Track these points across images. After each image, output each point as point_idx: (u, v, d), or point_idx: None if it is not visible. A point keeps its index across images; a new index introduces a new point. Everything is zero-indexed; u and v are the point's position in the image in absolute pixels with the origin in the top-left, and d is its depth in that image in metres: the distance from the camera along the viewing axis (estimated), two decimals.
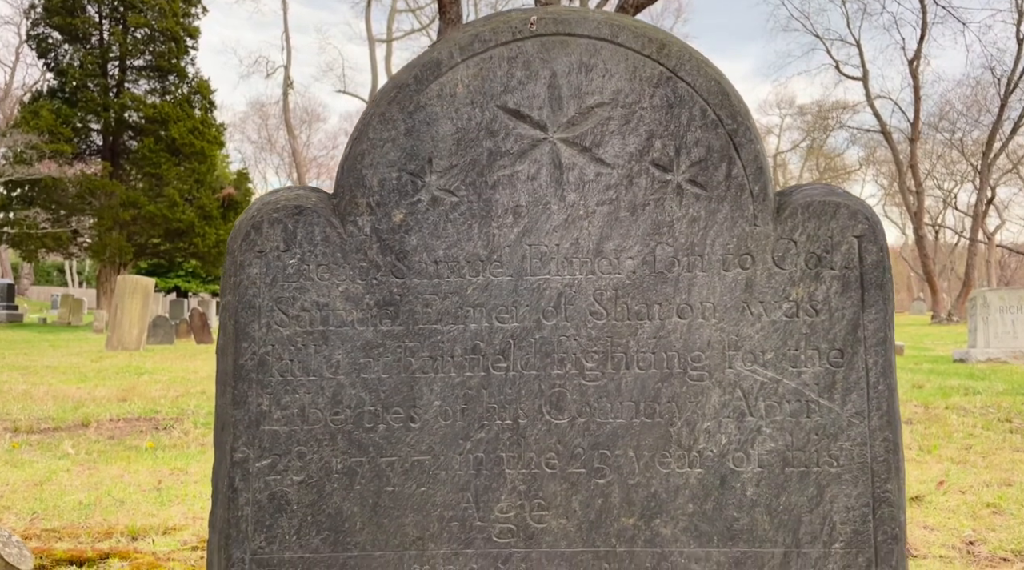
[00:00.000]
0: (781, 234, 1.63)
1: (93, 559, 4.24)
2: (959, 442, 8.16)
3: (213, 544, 1.66)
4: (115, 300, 19.08)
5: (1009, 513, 5.61)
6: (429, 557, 1.62)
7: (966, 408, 9.98)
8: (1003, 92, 32.23)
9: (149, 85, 34.69)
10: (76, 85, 32.57)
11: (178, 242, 33.43)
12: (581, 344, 1.64)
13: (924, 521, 5.49)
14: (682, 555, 1.61)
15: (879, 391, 1.61)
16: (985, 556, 4.67)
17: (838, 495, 1.61)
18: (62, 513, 5.34)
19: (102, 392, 11.04)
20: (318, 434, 1.64)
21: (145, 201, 31.59)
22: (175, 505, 5.65)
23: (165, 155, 32.40)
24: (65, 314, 31.19)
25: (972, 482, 6.39)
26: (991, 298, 16.08)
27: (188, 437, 8.20)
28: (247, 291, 1.65)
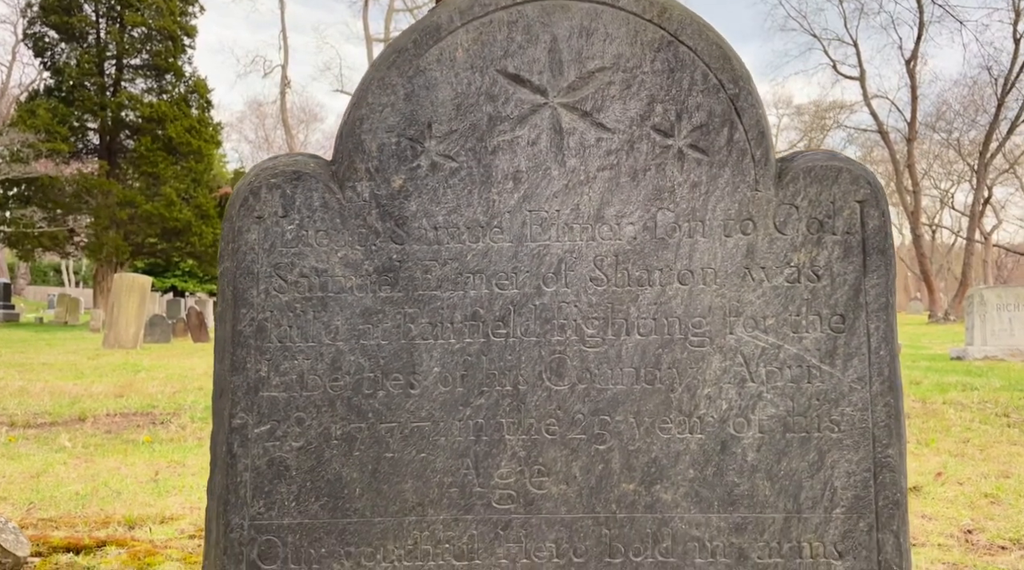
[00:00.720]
0: (783, 199, 1.62)
1: (90, 547, 4.22)
2: (957, 436, 8.17)
3: (211, 511, 1.65)
4: (112, 298, 19.04)
5: (1007, 503, 5.61)
6: (429, 523, 1.61)
7: (963, 403, 10.00)
8: (1000, 92, 32.28)
9: (146, 84, 34.65)
10: (73, 84, 32.52)
11: (175, 241, 33.38)
12: (581, 310, 1.64)
13: (922, 511, 5.49)
14: (682, 521, 1.60)
15: (880, 356, 1.61)
16: (983, 544, 4.67)
17: (839, 460, 1.60)
18: (58, 503, 5.32)
19: (99, 388, 11.02)
20: (317, 400, 1.63)
21: (142, 200, 31.55)
22: (172, 495, 5.64)
23: (162, 154, 32.35)
24: (62, 313, 31.12)
25: (970, 474, 6.39)
26: (988, 296, 16.10)
27: (185, 431, 8.19)
28: (245, 257, 1.64)
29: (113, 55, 33.45)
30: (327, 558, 1.60)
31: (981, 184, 34.00)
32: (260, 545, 1.60)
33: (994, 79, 34.23)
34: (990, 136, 32.76)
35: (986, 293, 16.19)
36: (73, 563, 4.03)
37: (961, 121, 40.30)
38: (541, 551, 1.61)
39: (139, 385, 11.33)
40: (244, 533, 1.60)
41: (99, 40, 33.43)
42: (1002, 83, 32.20)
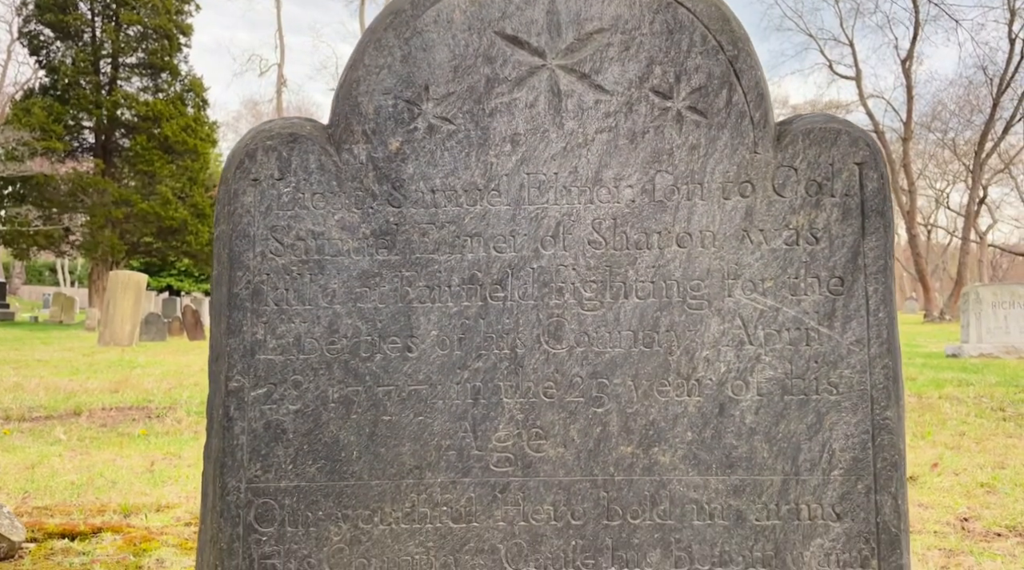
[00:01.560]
0: (782, 161, 1.62)
1: (85, 533, 4.20)
2: (953, 429, 8.18)
3: (208, 474, 1.64)
4: (107, 296, 18.99)
5: (1003, 492, 5.62)
6: (426, 486, 1.60)
7: (959, 398, 10.01)
8: (995, 92, 32.36)
9: (142, 83, 34.58)
10: (68, 82, 32.44)
11: (171, 240, 33.32)
12: (579, 273, 1.63)
13: (919, 500, 5.49)
14: (680, 483, 1.60)
15: (879, 318, 1.60)
16: (979, 532, 4.67)
17: (837, 423, 1.60)
18: (54, 493, 5.30)
19: (94, 384, 10.99)
20: (314, 363, 1.62)
21: (138, 199, 31.48)
22: (168, 485, 5.62)
23: (158, 153, 32.29)
24: (57, 313, 31.04)
25: (966, 465, 6.40)
26: (984, 294, 16.14)
27: (181, 425, 8.17)
28: (241, 219, 1.63)
29: (108, 53, 33.38)
30: (324, 521, 1.59)
31: (976, 184, 34.08)
32: (257, 508, 1.59)
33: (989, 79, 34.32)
34: (985, 136, 32.85)
35: (981, 291, 16.23)
36: (68, 549, 4.01)
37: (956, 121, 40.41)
38: (539, 514, 1.60)
39: (135, 381, 11.30)
40: (241, 496, 1.59)
41: (95, 38, 33.35)
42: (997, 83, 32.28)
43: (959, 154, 41.42)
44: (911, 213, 34.78)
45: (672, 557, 1.59)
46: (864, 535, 1.58)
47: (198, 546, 1.68)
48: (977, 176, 33.71)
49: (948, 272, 49.68)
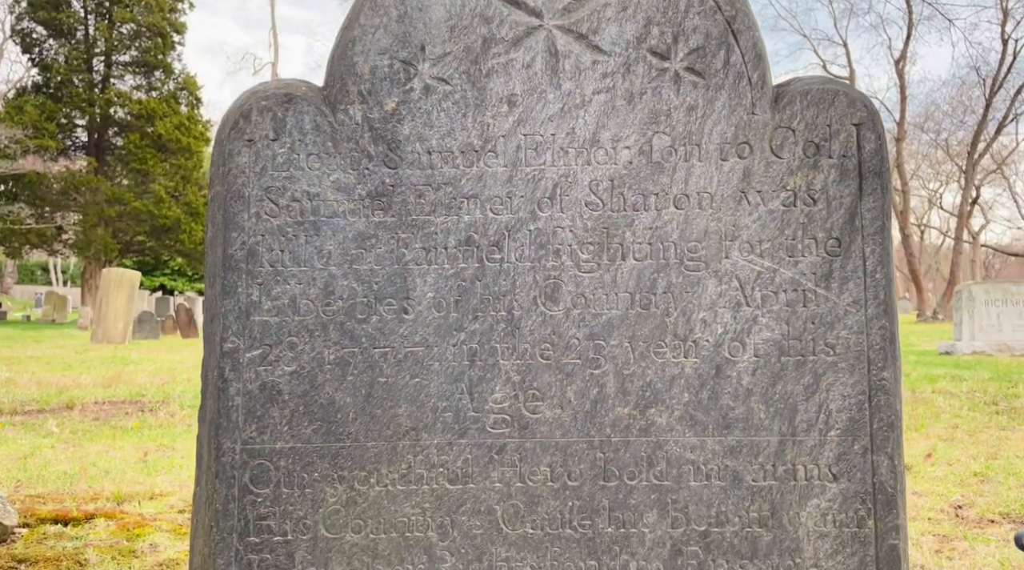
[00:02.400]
0: (779, 123, 1.62)
1: (79, 519, 4.18)
2: (946, 422, 8.21)
3: (202, 436, 1.63)
4: (100, 293, 18.91)
5: (996, 481, 5.64)
6: (423, 447, 1.60)
7: (952, 392, 10.04)
8: (988, 92, 32.50)
9: (135, 81, 34.46)
10: (61, 80, 32.32)
11: (164, 239, 33.20)
12: (576, 235, 1.62)
13: (913, 488, 5.50)
14: (677, 444, 1.59)
15: (876, 280, 1.60)
16: (973, 519, 4.68)
17: (834, 383, 1.59)
18: (46, 482, 5.27)
19: (87, 379, 10.95)
20: (310, 325, 1.61)
21: (131, 197, 31.37)
22: (162, 474, 5.60)
23: (151, 151, 32.18)
24: (49, 311, 30.92)
25: (959, 455, 6.42)
26: (976, 292, 16.20)
27: (174, 419, 8.14)
28: (236, 180, 1.62)
29: (102, 51, 33.27)
30: (320, 482, 1.59)
31: (969, 184, 34.21)
32: (252, 469, 1.58)
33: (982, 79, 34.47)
34: (978, 136, 32.99)
35: (974, 289, 16.29)
36: (61, 533, 3.99)
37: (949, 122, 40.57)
38: (535, 475, 1.60)
39: (128, 376, 11.26)
40: (236, 457, 1.58)
41: (88, 36, 33.23)
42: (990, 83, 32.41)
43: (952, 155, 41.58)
44: (904, 213, 34.88)
45: (669, 518, 1.58)
46: (860, 495, 1.57)
47: (193, 509, 1.67)
48: (970, 176, 33.84)
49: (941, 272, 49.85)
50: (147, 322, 21.53)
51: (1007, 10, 30.57)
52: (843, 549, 1.57)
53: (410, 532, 1.58)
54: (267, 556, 1.57)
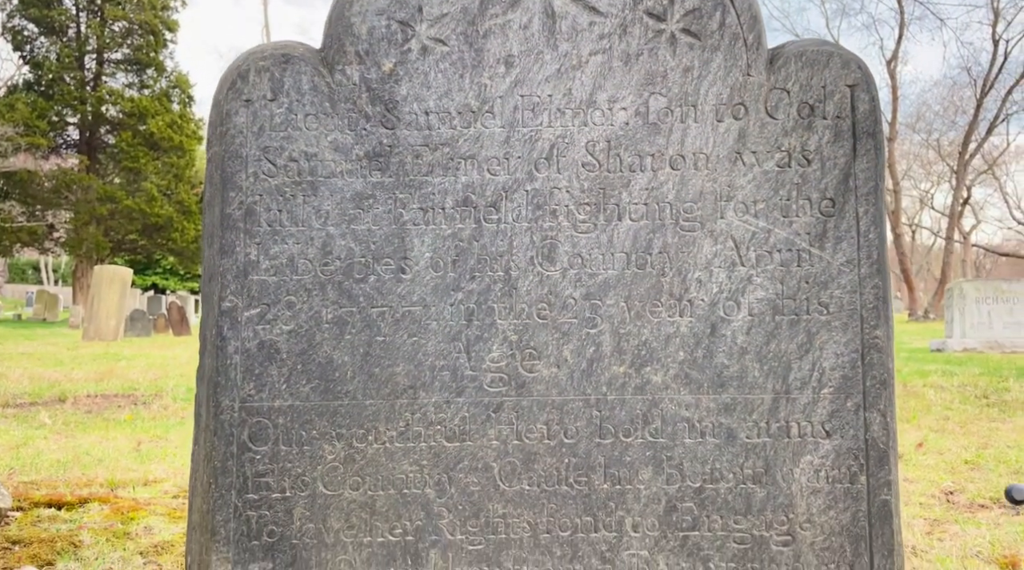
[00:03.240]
0: (774, 84, 1.63)
1: (72, 503, 4.18)
2: (937, 414, 8.26)
3: (201, 395, 1.63)
4: (92, 290, 18.84)
5: (987, 468, 5.68)
6: (420, 405, 1.61)
7: (943, 386, 10.10)
8: (979, 93, 32.67)
9: (127, 79, 34.35)
10: (52, 78, 32.18)
11: (156, 238, 33.10)
12: (573, 196, 1.64)
13: (904, 475, 5.54)
14: (672, 402, 1.61)
15: (869, 239, 1.62)
16: (964, 504, 4.72)
17: (828, 342, 1.61)
18: (39, 469, 5.26)
19: (79, 374, 10.92)
20: (308, 284, 1.62)
21: (122, 196, 31.26)
22: (155, 462, 5.59)
23: (143, 149, 32.07)
24: (40, 310, 30.78)
25: (950, 445, 6.46)
26: (967, 289, 16.29)
27: (168, 411, 8.12)
28: (234, 140, 1.63)
29: (93, 49, 33.14)
30: (318, 440, 1.59)
31: (960, 184, 34.37)
32: (250, 427, 1.59)
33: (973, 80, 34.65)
34: (969, 137, 33.16)
35: (965, 286, 16.38)
36: (55, 516, 3.98)
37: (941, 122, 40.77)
38: (532, 432, 1.61)
39: (120, 371, 11.23)
40: (234, 415, 1.59)
41: (79, 34, 33.11)
42: (981, 84, 32.59)
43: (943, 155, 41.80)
44: (896, 213, 35.03)
45: (664, 474, 1.60)
46: (853, 452, 1.59)
47: (191, 466, 1.68)
48: (961, 176, 34.01)
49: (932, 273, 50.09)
50: (139, 320, 21.47)
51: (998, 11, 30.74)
52: (836, 504, 1.58)
53: (408, 489, 1.59)
54: (265, 512, 1.57)
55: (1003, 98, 32.38)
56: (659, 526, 1.59)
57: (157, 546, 3.61)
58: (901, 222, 36.62)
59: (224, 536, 1.56)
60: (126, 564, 3.35)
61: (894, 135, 35.21)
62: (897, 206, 35.37)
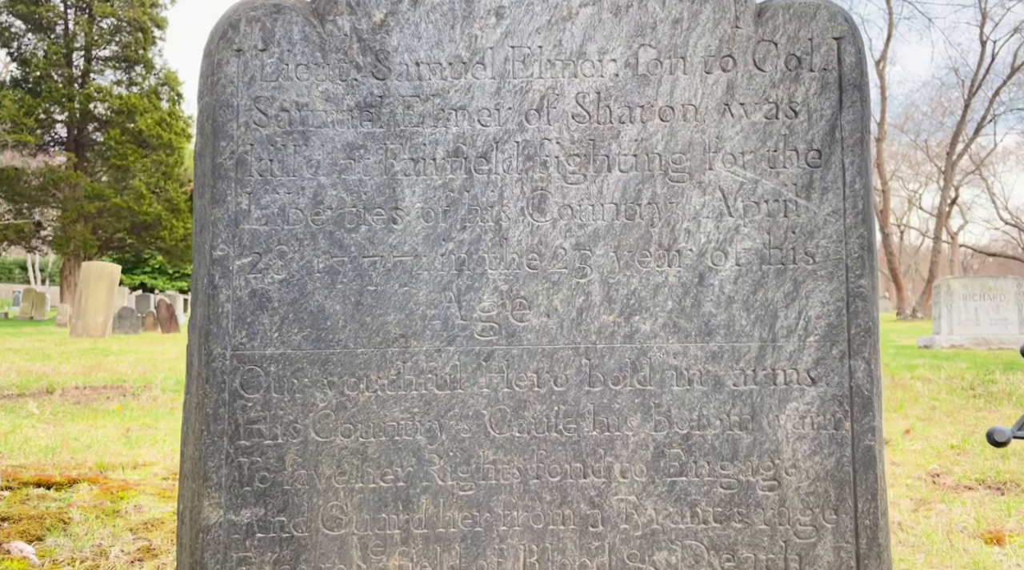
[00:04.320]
0: (762, 36, 1.65)
1: (62, 483, 4.17)
2: (925, 404, 8.32)
3: (192, 344, 1.64)
4: (80, 286, 18.73)
5: (973, 453, 5.73)
6: (412, 354, 1.62)
7: (931, 379, 10.18)
8: (966, 94, 32.91)
9: (115, 76, 34.19)
10: (40, 75, 31.99)
11: (144, 236, 32.94)
12: (563, 147, 1.65)
13: (891, 459, 5.58)
14: (661, 350, 1.62)
15: (855, 190, 1.64)
16: (950, 485, 4.76)
17: (814, 291, 1.63)
18: (28, 454, 5.24)
19: (67, 368, 10.86)
20: (299, 234, 1.63)
21: (111, 193, 31.10)
22: (145, 447, 5.58)
23: (131, 147, 31.92)
24: (27, 309, 30.58)
25: (937, 432, 6.51)
26: (955, 286, 16.40)
27: (156, 403, 8.10)
28: (224, 90, 1.64)
29: (82, 46, 32.96)
30: (310, 387, 1.60)
31: (948, 185, 34.60)
32: (242, 375, 1.60)
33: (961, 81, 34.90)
34: (956, 137, 33.39)
35: (953, 283, 16.49)
36: (44, 495, 3.97)
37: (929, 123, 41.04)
38: (522, 381, 1.62)
39: (108, 365, 11.18)
40: (226, 363, 1.60)
41: (67, 31, 32.93)
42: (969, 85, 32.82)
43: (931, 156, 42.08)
44: (884, 213, 35.24)
45: (652, 421, 1.61)
46: (838, 398, 1.61)
47: (183, 415, 1.68)
48: (949, 177, 34.24)
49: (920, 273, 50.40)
50: (127, 318, 21.36)
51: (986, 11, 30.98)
52: (820, 450, 1.60)
53: (399, 436, 1.60)
54: (257, 459, 1.58)
55: (990, 99, 32.62)
56: (647, 472, 1.60)
57: (147, 523, 3.60)
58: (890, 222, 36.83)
59: (216, 482, 1.57)
60: (116, 540, 3.35)
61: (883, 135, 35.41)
62: (886, 206, 35.58)
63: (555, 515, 1.59)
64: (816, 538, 1.59)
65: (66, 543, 3.26)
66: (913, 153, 45.28)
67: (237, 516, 1.57)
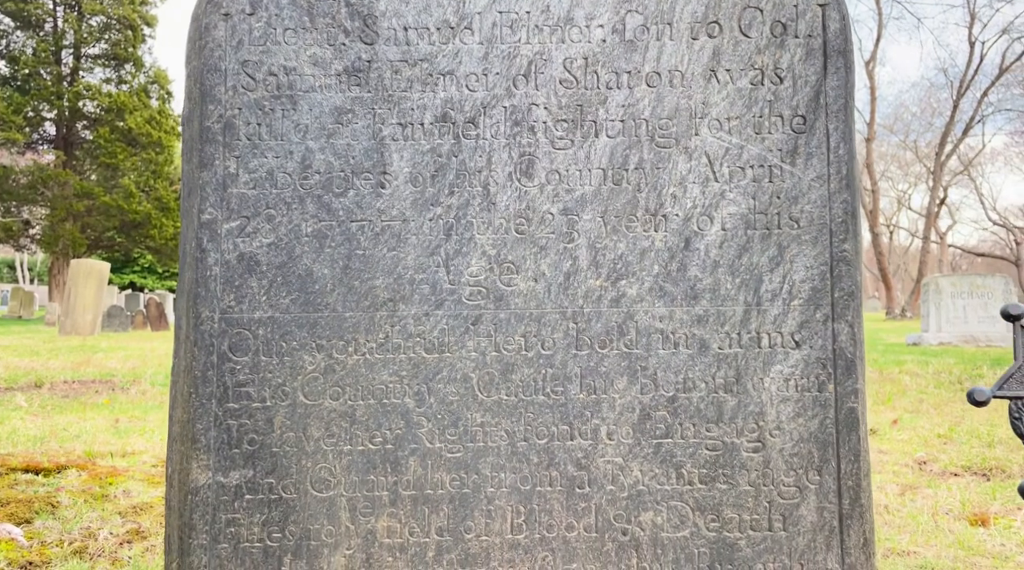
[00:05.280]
0: (748, 2, 1.67)
1: (50, 469, 4.15)
2: (912, 397, 8.36)
3: (181, 307, 1.64)
4: (69, 284, 18.62)
5: (960, 442, 5.77)
6: (400, 318, 1.63)
7: (919, 373, 10.23)
8: (955, 94, 33.10)
9: (105, 74, 34.01)
10: (29, 73, 31.80)
11: (134, 235, 32.77)
12: (551, 112, 1.66)
13: (878, 447, 5.61)
14: (647, 314, 1.64)
15: (839, 155, 1.66)
16: (936, 471, 4.79)
17: (798, 255, 1.65)
18: (16, 444, 5.22)
19: (56, 363, 10.80)
20: (287, 198, 1.63)
21: (100, 192, 30.93)
22: (134, 437, 5.56)
23: (121, 145, 31.76)
24: (16, 308, 30.38)
25: (924, 424, 6.55)
26: (943, 284, 16.50)
27: (146, 396, 8.07)
28: (212, 54, 1.64)
29: (71, 44, 32.79)
30: (298, 350, 1.61)
31: (937, 185, 34.78)
32: (231, 337, 1.60)
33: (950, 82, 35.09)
34: (945, 138, 33.56)
35: (941, 281, 16.59)
36: (33, 480, 3.95)
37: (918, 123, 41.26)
38: (510, 344, 1.63)
39: (98, 361, 11.12)
40: (215, 326, 1.60)
41: (56, 28, 32.75)
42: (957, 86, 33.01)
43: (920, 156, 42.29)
44: (874, 213, 35.40)
45: (638, 384, 1.62)
46: (821, 361, 1.63)
47: (171, 379, 1.68)
48: (937, 177, 34.41)
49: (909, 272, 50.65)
50: (116, 316, 21.25)
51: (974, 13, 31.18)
52: (804, 412, 1.62)
53: (387, 399, 1.61)
54: (246, 421, 1.58)
55: (979, 100, 32.82)
56: (633, 434, 1.61)
57: (136, 507, 3.60)
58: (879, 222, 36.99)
59: (204, 444, 1.58)
60: (105, 523, 3.34)
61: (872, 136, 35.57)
62: (875, 206, 35.73)
63: (542, 477, 1.60)
64: (799, 498, 1.61)
65: (55, 526, 3.25)
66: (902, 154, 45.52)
67: (226, 478, 1.57)
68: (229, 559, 1.55)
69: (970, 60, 32.32)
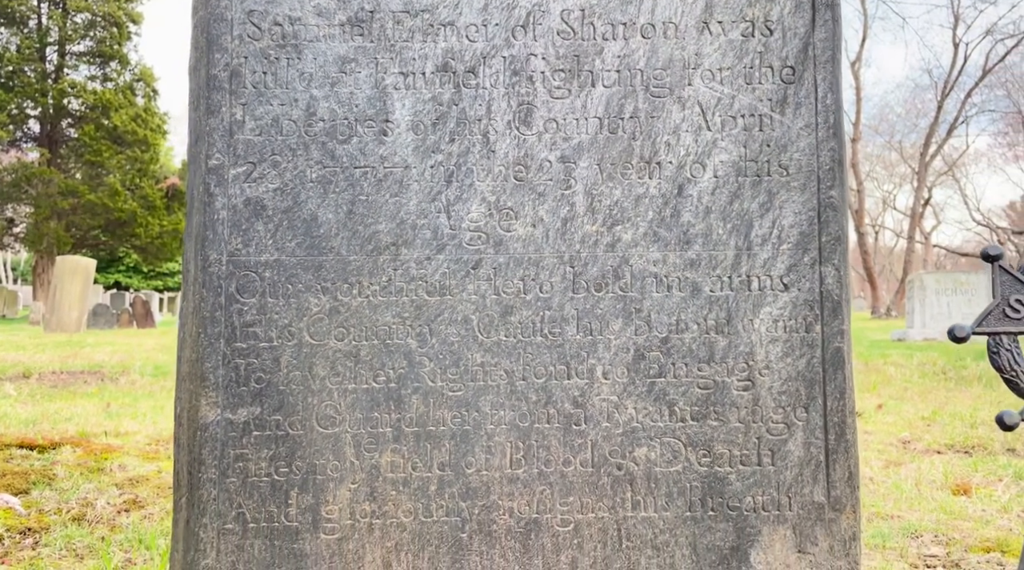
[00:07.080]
0: None
1: (45, 446, 4.16)
2: (897, 385, 8.46)
3: (189, 251, 1.68)
4: (54, 281, 18.51)
5: (943, 423, 5.85)
6: (402, 261, 1.67)
7: (904, 364, 10.35)
8: (939, 95, 33.41)
9: (90, 71, 33.81)
10: (13, 70, 31.56)
11: (119, 233, 32.59)
12: (549, 62, 1.72)
13: (864, 428, 5.69)
14: (641, 258, 1.69)
15: (827, 105, 1.72)
16: (920, 450, 4.87)
17: (787, 201, 1.71)
18: (8, 426, 5.22)
19: (43, 357, 10.76)
20: (293, 144, 1.68)
21: (85, 190, 30.75)
22: (126, 420, 5.57)
23: (106, 143, 31.59)
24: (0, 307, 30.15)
25: (909, 408, 6.64)
26: (928, 281, 16.67)
27: (135, 386, 8.06)
28: (219, 3, 1.69)
29: (55, 41, 32.58)
30: (304, 292, 1.65)
31: (921, 186, 35.09)
32: (238, 279, 1.65)
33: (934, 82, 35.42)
34: (929, 139, 33.86)
35: (926, 278, 16.76)
36: (28, 456, 3.97)
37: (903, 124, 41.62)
38: (509, 287, 1.68)
39: (85, 355, 11.09)
40: (222, 268, 1.64)
41: (41, 25, 32.54)
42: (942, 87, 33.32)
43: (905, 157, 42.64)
44: (859, 213, 35.67)
45: (633, 325, 1.68)
46: (809, 303, 1.69)
47: (179, 322, 1.73)
48: (922, 178, 34.71)
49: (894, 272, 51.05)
50: (102, 314, 21.15)
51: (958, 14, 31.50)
52: (792, 352, 1.68)
53: (391, 339, 1.66)
54: (253, 360, 1.63)
55: (963, 101, 33.15)
56: (628, 373, 1.67)
57: (132, 479, 3.62)
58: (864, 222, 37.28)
59: (213, 382, 1.62)
60: (101, 494, 3.36)
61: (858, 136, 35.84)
62: (861, 206, 36.00)
63: (540, 414, 1.66)
64: (787, 434, 1.67)
65: (52, 496, 3.27)
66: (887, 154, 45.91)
67: (234, 415, 1.62)
68: (237, 492, 1.60)
69: (954, 61, 32.64)
